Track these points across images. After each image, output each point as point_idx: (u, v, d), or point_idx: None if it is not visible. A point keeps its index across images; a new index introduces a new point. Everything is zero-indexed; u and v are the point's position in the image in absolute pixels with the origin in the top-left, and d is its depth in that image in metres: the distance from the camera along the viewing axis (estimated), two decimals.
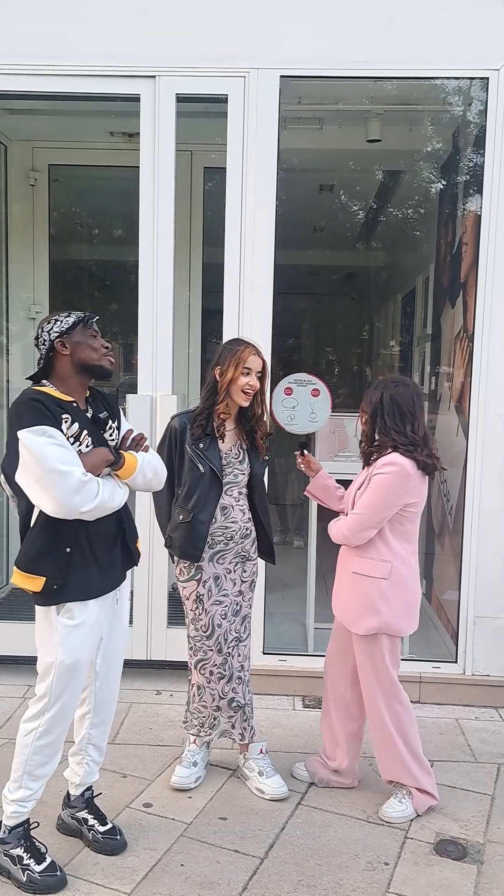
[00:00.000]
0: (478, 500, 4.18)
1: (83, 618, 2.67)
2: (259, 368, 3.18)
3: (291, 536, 6.45)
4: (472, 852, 3.00)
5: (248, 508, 3.31)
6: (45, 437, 2.50)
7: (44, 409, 2.54)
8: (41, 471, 2.48)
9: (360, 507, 3.07)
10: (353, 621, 3.15)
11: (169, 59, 4.04)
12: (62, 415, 2.58)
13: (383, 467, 3.04)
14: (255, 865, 2.88)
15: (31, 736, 2.71)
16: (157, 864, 2.87)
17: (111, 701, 2.98)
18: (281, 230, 4.12)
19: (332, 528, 3.19)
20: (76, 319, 2.66)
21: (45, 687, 2.69)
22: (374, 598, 3.10)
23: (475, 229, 4.18)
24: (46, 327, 2.65)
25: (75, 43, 4.04)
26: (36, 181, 5.59)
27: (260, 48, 4.01)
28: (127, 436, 2.80)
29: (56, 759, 2.78)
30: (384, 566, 3.11)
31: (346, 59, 4.01)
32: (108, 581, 2.75)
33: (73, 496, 2.50)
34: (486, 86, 4.04)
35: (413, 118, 5.04)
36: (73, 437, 2.59)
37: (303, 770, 3.46)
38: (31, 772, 2.72)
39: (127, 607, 2.95)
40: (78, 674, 2.70)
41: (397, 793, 3.22)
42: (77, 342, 2.65)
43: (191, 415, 3.25)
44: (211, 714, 3.35)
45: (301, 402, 4.33)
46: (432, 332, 5.65)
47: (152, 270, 4.16)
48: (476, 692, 4.24)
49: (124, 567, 2.84)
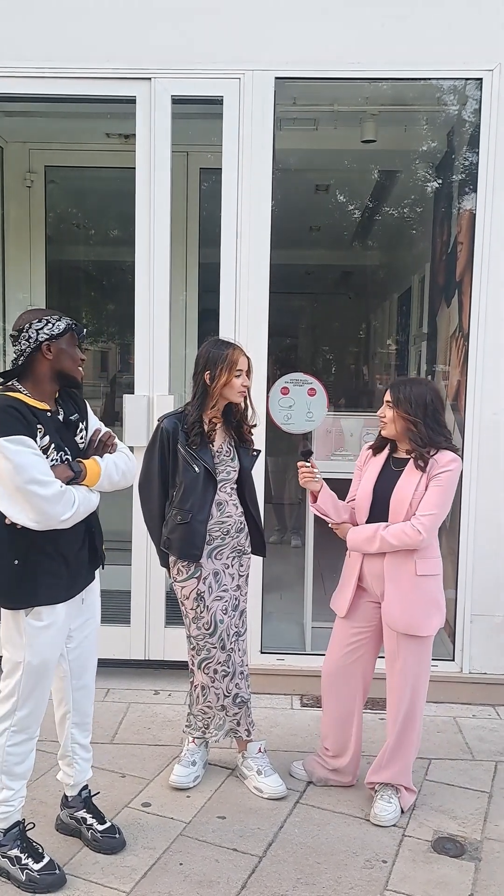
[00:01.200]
0: (474, 499, 4.19)
1: (51, 619, 2.67)
2: (247, 367, 3.23)
3: (289, 536, 6.45)
4: (469, 850, 3.01)
5: (240, 503, 3.33)
6: (23, 446, 2.47)
7: (20, 416, 2.51)
8: (21, 480, 2.45)
9: (432, 507, 3.03)
10: (419, 625, 3.09)
11: (164, 61, 4.05)
12: (37, 424, 2.56)
13: (447, 465, 3.04)
14: (254, 864, 2.89)
15: (3, 737, 2.71)
16: (156, 863, 2.88)
17: (88, 698, 2.97)
18: (277, 230, 4.12)
19: (390, 535, 3.05)
20: (66, 326, 2.64)
21: (13, 686, 2.68)
22: (437, 595, 3.15)
23: (470, 228, 4.19)
24: (36, 325, 2.59)
25: (71, 46, 4.04)
26: (32, 183, 5.60)
27: (255, 50, 4.02)
28: (94, 438, 2.77)
29: (32, 758, 2.77)
30: (440, 562, 3.18)
31: (340, 60, 4.02)
32: (75, 583, 2.75)
33: (55, 505, 2.50)
34: (479, 86, 4.04)
35: (408, 118, 5.06)
36: (42, 449, 2.56)
37: (301, 769, 3.46)
38: (8, 771, 2.72)
39: (97, 605, 2.93)
40: (46, 674, 2.70)
41: (382, 793, 3.21)
42: (62, 349, 2.63)
43: (180, 415, 3.25)
44: (215, 714, 3.36)
45: (297, 402, 4.34)
46: (428, 331, 5.67)
47: (149, 271, 4.16)
48: (473, 690, 4.25)
49: (91, 568, 2.84)
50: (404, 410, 3.05)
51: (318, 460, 4.47)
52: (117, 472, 2.74)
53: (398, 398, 3.06)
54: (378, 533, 3.08)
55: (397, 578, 3.11)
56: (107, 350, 7.36)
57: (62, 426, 2.68)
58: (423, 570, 3.10)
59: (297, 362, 8.56)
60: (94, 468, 2.67)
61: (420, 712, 3.20)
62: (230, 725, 3.38)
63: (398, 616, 3.11)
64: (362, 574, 3.22)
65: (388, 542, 3.06)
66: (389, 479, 3.15)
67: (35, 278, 5.68)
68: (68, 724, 2.94)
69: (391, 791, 3.20)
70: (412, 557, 3.08)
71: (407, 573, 3.10)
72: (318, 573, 4.71)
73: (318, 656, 4.32)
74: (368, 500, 3.18)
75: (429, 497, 3.05)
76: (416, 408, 3.04)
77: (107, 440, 2.77)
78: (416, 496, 3.06)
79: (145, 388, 4.22)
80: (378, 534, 3.08)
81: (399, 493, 3.09)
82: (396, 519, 3.09)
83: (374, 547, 3.10)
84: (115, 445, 2.80)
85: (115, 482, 2.75)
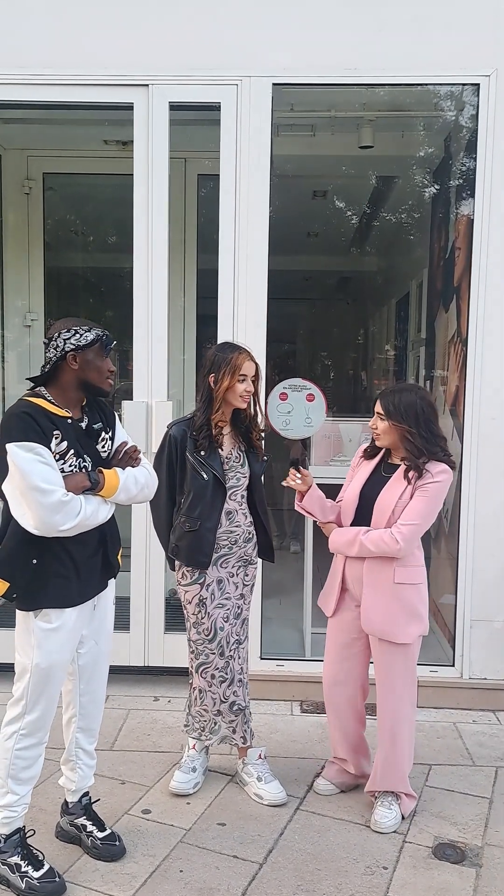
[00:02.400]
0: (473, 504, 4.19)
1: (60, 622, 2.68)
2: (254, 373, 3.20)
3: (288, 542, 6.45)
4: (470, 856, 3.00)
5: (249, 512, 3.32)
6: (31, 453, 2.50)
7: (34, 423, 2.53)
8: (24, 486, 2.49)
9: (414, 516, 2.99)
10: (396, 632, 3.07)
11: (162, 68, 4.06)
12: (53, 431, 2.58)
13: (437, 476, 3.00)
14: (254, 871, 2.88)
15: (12, 740, 2.71)
16: (157, 871, 2.87)
17: (96, 704, 2.97)
18: (275, 236, 4.13)
19: (368, 541, 3.04)
20: (95, 338, 2.64)
21: (22, 689, 2.70)
22: (416, 604, 3.10)
23: (468, 233, 4.20)
24: (65, 335, 2.62)
25: (69, 53, 4.05)
26: (31, 189, 5.61)
27: (252, 56, 4.03)
28: (119, 449, 2.79)
29: (39, 763, 2.77)
30: (422, 570, 3.14)
31: (337, 66, 4.03)
32: (85, 590, 2.75)
33: (54, 514, 2.51)
34: (477, 91, 4.05)
35: (405, 124, 5.07)
36: (58, 455, 2.58)
37: (327, 784, 3.41)
38: (15, 776, 2.72)
39: (111, 613, 2.95)
40: (54, 678, 2.71)
41: (382, 799, 3.19)
42: (88, 360, 2.64)
43: (188, 422, 3.25)
44: (211, 718, 3.35)
45: (296, 407, 4.35)
46: (426, 337, 5.67)
47: (147, 277, 4.17)
48: (473, 696, 4.25)
49: (103, 577, 2.84)
50: (396, 420, 3.02)
51: (317, 465, 4.50)
52: (136, 485, 2.75)
53: (388, 408, 3.03)
54: (358, 537, 3.07)
55: (375, 584, 3.10)
56: None
57: (83, 434, 2.70)
58: (402, 578, 3.07)
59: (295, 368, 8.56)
60: (113, 480, 2.68)
61: (408, 720, 3.17)
62: (225, 732, 3.37)
63: (374, 621, 3.10)
64: (345, 576, 3.22)
65: (367, 548, 3.05)
66: (377, 483, 3.13)
67: (33, 285, 5.68)
68: (73, 727, 2.94)
69: (391, 797, 3.19)
70: (392, 565, 3.07)
71: (385, 580, 3.08)
72: (317, 579, 4.68)
73: (318, 662, 4.29)
74: (355, 502, 3.17)
75: (413, 506, 3.02)
76: (407, 417, 3.01)
77: (132, 453, 2.79)
78: (399, 504, 3.04)
79: (144, 394, 4.22)
80: (358, 538, 3.07)
81: (383, 499, 3.07)
82: (378, 524, 3.07)
83: (353, 551, 3.09)
84: (140, 460, 2.82)
85: (133, 496, 2.76)
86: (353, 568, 3.16)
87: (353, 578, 3.18)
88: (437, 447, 3.05)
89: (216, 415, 3.18)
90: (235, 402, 3.18)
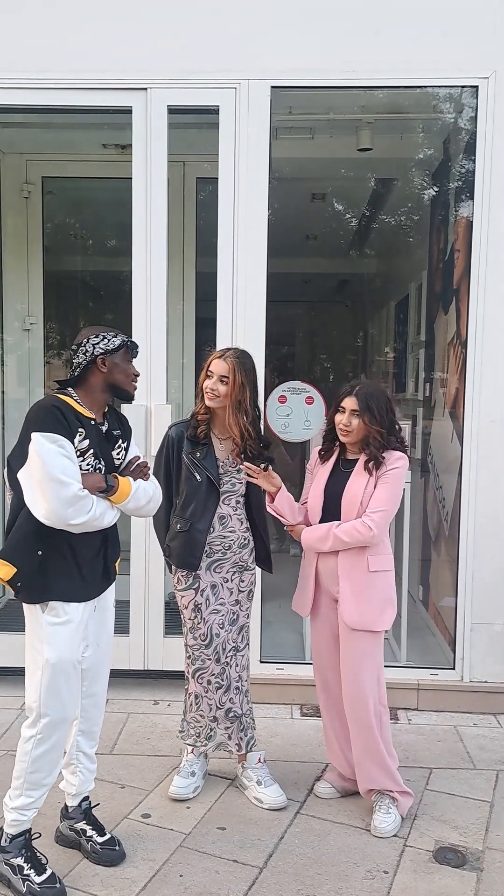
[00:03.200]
0: (473, 506, 4.19)
1: (68, 616, 2.72)
2: (222, 373, 3.14)
3: (288, 545, 6.44)
4: (471, 860, 2.99)
5: (245, 518, 3.31)
6: (55, 445, 2.60)
7: (62, 417, 2.63)
8: (43, 475, 2.58)
9: (382, 503, 3.07)
10: (374, 621, 3.13)
11: (160, 72, 4.06)
12: (78, 428, 2.67)
13: (395, 463, 3.11)
14: (255, 875, 2.87)
15: (30, 743, 2.73)
16: (156, 875, 2.86)
17: (98, 708, 2.98)
18: (273, 239, 4.13)
19: (342, 533, 3.08)
20: (121, 342, 2.77)
21: (34, 691, 2.72)
22: (389, 591, 3.18)
23: (467, 236, 4.20)
24: (94, 340, 2.73)
25: (67, 57, 4.06)
26: (30, 193, 5.61)
27: (250, 59, 4.03)
28: (132, 461, 2.88)
29: (56, 770, 2.79)
30: (391, 558, 3.21)
31: (336, 69, 4.03)
32: (88, 589, 2.80)
33: (67, 507, 2.59)
34: (475, 93, 4.06)
35: (404, 126, 5.07)
36: (79, 452, 2.67)
37: (328, 788, 3.41)
38: (32, 780, 2.73)
39: (111, 616, 2.99)
40: (66, 674, 2.72)
41: (379, 804, 3.18)
42: (116, 364, 2.76)
43: (187, 423, 3.27)
44: (207, 724, 3.34)
45: (295, 410, 4.35)
46: (426, 339, 5.66)
47: (146, 280, 4.17)
48: (474, 699, 4.24)
49: (103, 582, 2.88)
50: (370, 419, 3.09)
51: None
52: (145, 496, 2.85)
53: (366, 406, 3.09)
54: (331, 531, 3.12)
55: (351, 575, 3.15)
56: None
57: (103, 437, 2.79)
58: (376, 566, 3.14)
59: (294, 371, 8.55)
60: (126, 487, 2.78)
61: (381, 711, 3.18)
62: (221, 738, 3.36)
63: (352, 612, 3.14)
64: (318, 573, 3.26)
65: (341, 540, 3.10)
66: (339, 480, 3.19)
67: (33, 288, 5.69)
68: (75, 730, 2.95)
69: (388, 801, 3.18)
70: (364, 554, 3.13)
71: (360, 570, 3.14)
72: None
73: None
74: (320, 501, 3.22)
75: (378, 494, 3.09)
76: (382, 415, 3.10)
77: (143, 468, 2.88)
78: (365, 495, 3.11)
79: (143, 397, 4.21)
80: (331, 532, 3.12)
81: (349, 492, 3.14)
82: (348, 518, 3.13)
83: (327, 545, 3.14)
84: (149, 476, 2.91)
85: (140, 506, 2.85)
86: (327, 563, 3.21)
87: (327, 573, 3.21)
88: (396, 439, 3.17)
89: (200, 406, 3.23)
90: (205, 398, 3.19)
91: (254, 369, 3.23)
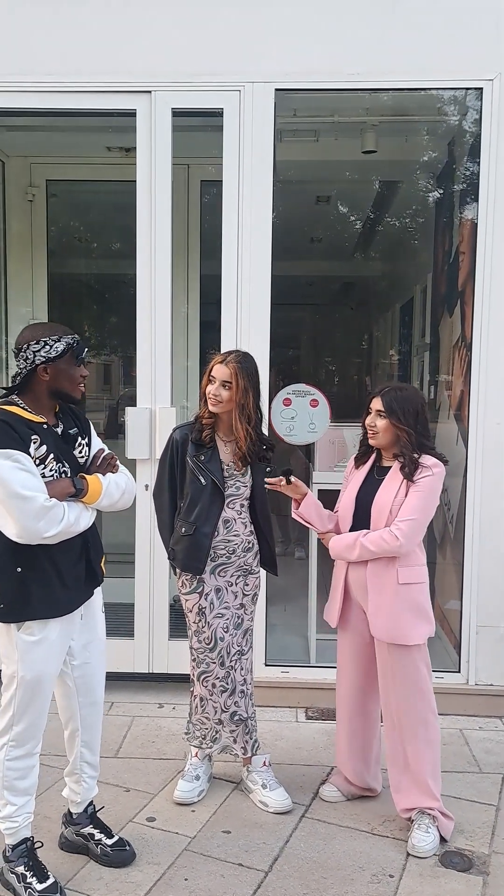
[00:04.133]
0: (478, 509, 4.17)
1: (43, 634, 2.64)
2: (224, 378, 3.13)
3: (293, 548, 6.44)
4: (477, 864, 2.98)
5: (249, 521, 3.31)
6: (9, 461, 2.48)
7: (11, 431, 2.51)
8: (4, 494, 2.46)
9: (412, 512, 2.97)
10: (405, 634, 3.02)
11: (164, 74, 4.06)
12: (31, 436, 2.56)
13: (429, 469, 2.99)
14: (260, 879, 2.86)
15: (2, 751, 2.70)
16: (161, 879, 2.85)
17: (97, 716, 2.95)
18: (278, 242, 4.13)
19: (368, 542, 3.01)
20: (65, 347, 2.62)
21: (9, 700, 2.68)
22: (423, 604, 3.07)
23: (472, 238, 4.19)
24: (34, 347, 2.59)
25: (71, 60, 4.06)
26: (34, 196, 5.62)
27: (254, 62, 4.04)
28: (98, 455, 2.78)
29: (34, 773, 2.75)
30: (425, 570, 3.11)
31: (340, 71, 4.03)
32: (71, 600, 2.72)
33: (36, 522, 2.49)
34: (480, 96, 4.05)
35: (408, 129, 5.06)
36: (38, 460, 2.57)
37: (333, 791, 3.38)
38: (10, 787, 2.71)
39: (101, 621, 2.91)
40: (41, 689, 2.67)
41: (419, 822, 3.08)
42: (60, 370, 2.63)
43: (191, 426, 3.26)
44: (213, 727, 3.34)
45: (300, 413, 4.34)
46: (430, 341, 5.66)
47: (150, 283, 4.17)
48: (479, 702, 4.22)
49: (88, 586, 2.81)
50: (397, 420, 3.01)
51: (321, 471, 4.48)
52: (118, 490, 2.74)
53: (391, 407, 3.02)
54: (358, 540, 3.05)
55: (380, 587, 3.07)
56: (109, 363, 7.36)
57: (60, 439, 2.68)
58: (406, 578, 3.04)
59: (299, 373, 8.55)
60: (96, 485, 2.67)
61: (426, 726, 3.10)
62: (226, 741, 3.35)
63: (383, 626, 3.06)
64: (347, 583, 3.19)
65: (368, 549, 3.02)
66: (372, 486, 3.12)
67: (37, 292, 5.70)
68: (78, 741, 2.92)
69: (428, 819, 3.08)
70: (394, 565, 3.04)
71: (389, 582, 3.05)
72: (322, 585, 4.67)
73: (323, 668, 4.31)
74: (351, 508, 3.16)
75: (408, 502, 2.99)
76: (407, 416, 3.01)
77: (111, 460, 2.78)
78: (395, 502, 3.01)
79: (147, 400, 4.21)
80: (358, 541, 3.05)
81: (379, 500, 3.06)
82: (378, 526, 3.05)
83: (354, 555, 3.07)
84: (118, 466, 2.81)
85: (115, 501, 2.74)
86: (356, 573, 3.14)
87: (357, 584, 3.15)
88: (430, 443, 3.07)
89: (203, 411, 3.21)
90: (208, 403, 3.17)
91: (256, 372, 3.22)
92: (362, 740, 3.31)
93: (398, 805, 3.14)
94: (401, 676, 3.08)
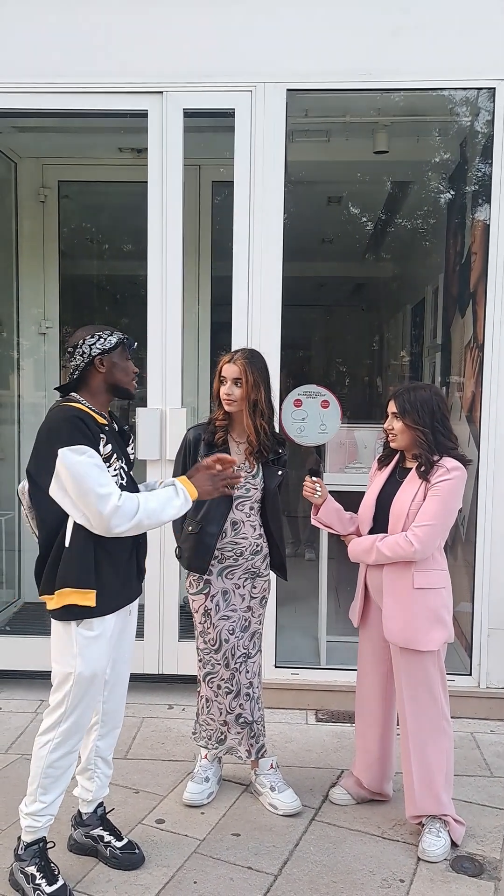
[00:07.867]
0: (490, 511, 4.15)
1: (101, 629, 2.68)
2: (234, 376, 3.13)
3: (303, 549, 6.43)
4: (489, 869, 2.96)
5: (259, 524, 3.29)
6: (84, 456, 2.53)
7: (85, 428, 2.57)
8: (79, 490, 2.52)
9: (429, 517, 2.92)
10: (417, 639, 2.98)
11: (176, 75, 4.06)
12: (100, 434, 2.62)
13: (449, 472, 2.93)
14: (269, 882, 2.85)
15: (46, 748, 2.71)
16: (170, 881, 2.84)
17: (118, 712, 2.98)
18: (289, 242, 4.12)
19: (384, 547, 2.98)
20: (118, 340, 2.70)
21: (61, 697, 2.68)
22: (440, 610, 3.03)
23: (484, 239, 4.17)
24: (89, 341, 2.67)
25: (83, 60, 4.07)
26: (46, 198, 5.63)
27: (266, 62, 4.03)
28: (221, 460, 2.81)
29: (70, 773, 2.76)
30: (444, 575, 3.07)
31: (352, 71, 4.02)
32: (127, 594, 2.79)
33: (111, 518, 2.53)
34: (492, 96, 4.03)
35: (420, 129, 5.05)
36: (105, 458, 2.63)
37: (343, 794, 3.37)
38: (45, 784, 2.71)
39: (135, 621, 2.96)
40: (95, 685, 2.71)
41: (430, 826, 3.05)
42: (115, 363, 2.71)
43: (205, 426, 3.27)
44: (218, 728, 3.33)
45: (311, 414, 4.32)
46: (442, 343, 5.64)
47: (161, 284, 4.17)
48: (491, 705, 4.20)
49: (137, 583, 2.86)
50: (412, 420, 2.97)
51: (332, 473, 4.47)
52: None
53: (405, 408, 2.99)
54: (374, 544, 3.02)
55: (395, 591, 3.04)
56: None
57: (118, 436, 2.77)
58: (422, 583, 3.00)
59: (310, 374, 8.54)
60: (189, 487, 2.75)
61: (438, 733, 3.06)
62: (231, 743, 3.34)
63: (396, 629, 3.03)
64: (367, 585, 3.19)
65: (384, 554, 2.99)
66: (393, 488, 3.08)
67: (49, 293, 5.70)
68: (94, 735, 2.94)
69: (439, 824, 3.06)
70: (410, 570, 3.00)
71: (405, 586, 3.01)
72: (332, 586, 4.67)
73: (333, 670, 4.29)
74: (371, 510, 3.13)
75: (426, 507, 2.95)
76: (423, 415, 2.97)
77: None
78: (413, 506, 2.97)
79: (158, 401, 4.21)
80: (374, 545, 3.02)
81: (397, 503, 3.02)
82: (395, 529, 3.02)
83: (371, 558, 3.05)
84: None
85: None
86: (374, 576, 3.13)
87: (374, 587, 3.14)
88: (451, 444, 3.01)
89: (218, 412, 3.22)
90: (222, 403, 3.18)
91: (265, 367, 3.21)
92: (381, 744, 3.29)
93: (408, 811, 3.12)
94: (413, 681, 3.05)
